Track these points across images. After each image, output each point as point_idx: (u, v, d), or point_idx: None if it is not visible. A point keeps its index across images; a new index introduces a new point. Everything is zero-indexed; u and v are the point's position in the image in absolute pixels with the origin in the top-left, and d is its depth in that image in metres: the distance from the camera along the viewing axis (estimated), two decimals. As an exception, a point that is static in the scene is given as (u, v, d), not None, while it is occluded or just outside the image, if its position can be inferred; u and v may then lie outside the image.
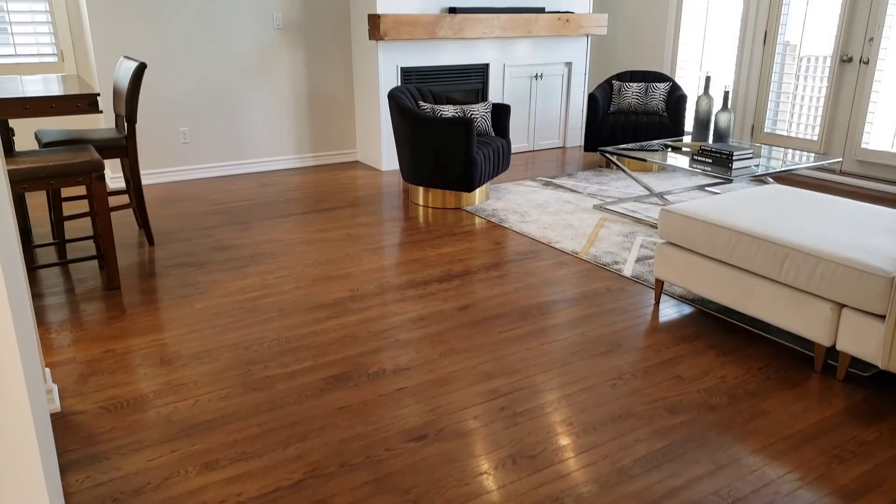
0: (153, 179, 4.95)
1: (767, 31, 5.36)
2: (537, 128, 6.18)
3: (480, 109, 4.59)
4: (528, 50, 5.85)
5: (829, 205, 2.93)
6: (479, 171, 4.24)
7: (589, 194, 4.76)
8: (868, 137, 4.88)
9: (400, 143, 4.40)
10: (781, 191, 3.21)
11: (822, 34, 5.03)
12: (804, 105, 5.25)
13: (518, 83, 5.92)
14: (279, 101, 5.28)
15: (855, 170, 5.01)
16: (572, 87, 6.22)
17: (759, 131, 5.56)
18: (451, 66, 5.48)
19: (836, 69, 4.97)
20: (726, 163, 3.85)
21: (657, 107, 5.47)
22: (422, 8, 5.19)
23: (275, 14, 5.08)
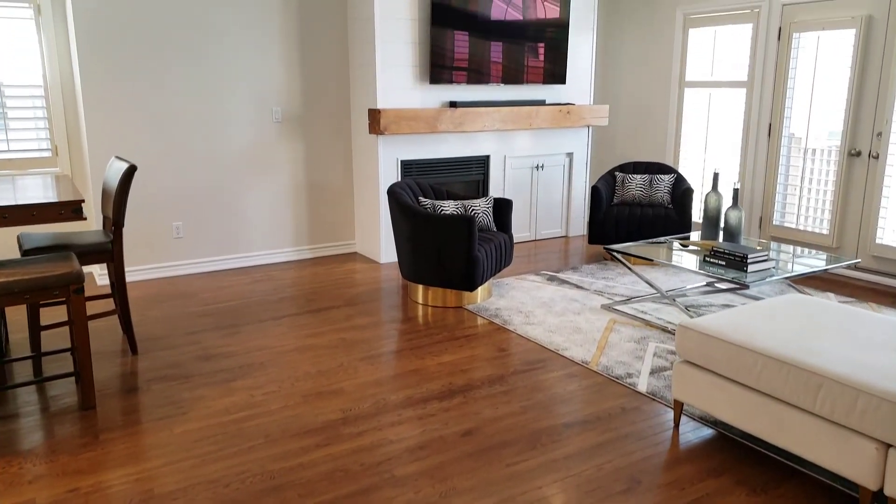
0: (144, 276, 4.78)
1: (772, 123, 5.32)
2: (539, 217, 6.07)
3: (482, 205, 4.47)
4: (529, 141, 5.81)
5: (859, 320, 2.74)
6: (480, 270, 4.08)
7: (596, 291, 4.58)
8: (882, 233, 4.75)
9: (399, 240, 4.25)
10: (802, 301, 3.02)
11: (827, 127, 4.98)
12: (812, 198, 5.14)
13: (519, 174, 5.85)
14: (276, 193, 5.19)
15: (870, 265, 4.85)
16: (574, 176, 6.15)
17: (767, 224, 5.44)
18: (452, 158, 5.41)
19: (845, 163, 4.88)
20: (741, 266, 3.69)
21: (662, 199, 5.37)
22: (422, 102, 5.17)
23: (274, 108, 5.05)
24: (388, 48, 4.93)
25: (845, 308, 2.89)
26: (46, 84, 4.52)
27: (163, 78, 4.61)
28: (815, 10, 4.97)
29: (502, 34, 5.34)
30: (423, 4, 5.01)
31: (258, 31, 4.89)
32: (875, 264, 4.82)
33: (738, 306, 3.52)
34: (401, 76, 5.02)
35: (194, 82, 4.72)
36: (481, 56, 5.27)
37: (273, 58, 4.98)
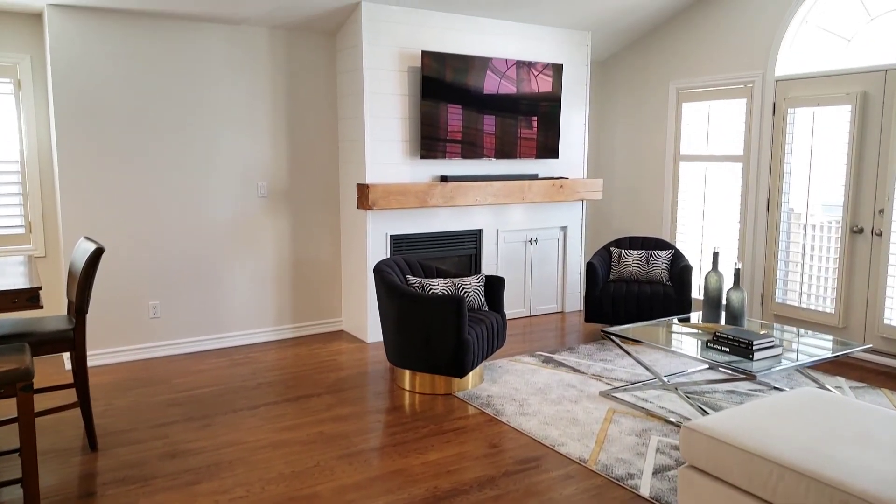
0: (117, 359, 4.53)
1: (770, 198, 5.20)
2: (534, 293, 5.88)
3: (473, 283, 4.28)
4: (522, 215, 5.68)
5: (881, 420, 2.50)
6: (471, 354, 3.85)
7: (594, 375, 4.34)
8: (891, 313, 4.55)
9: (385, 322, 4.04)
10: (818, 396, 2.79)
11: (827, 203, 4.85)
12: (815, 276, 4.97)
13: (512, 248, 5.69)
14: (260, 270, 5.00)
15: (879, 346, 4.63)
16: (569, 251, 5.99)
17: (769, 301, 5.24)
18: (443, 232, 5.26)
19: (847, 240, 4.74)
20: (746, 353, 3.47)
21: (660, 276, 5.19)
22: (413, 177, 5.05)
23: (259, 183, 4.92)
24: (378, 123, 4.85)
25: (864, 406, 2.66)
26: (23, 159, 4.39)
27: (144, 153, 4.50)
28: (810, 87, 4.93)
29: (495, 108, 5.29)
30: (413, 79, 4.96)
31: (245, 106, 4.81)
32: (884, 346, 4.60)
33: (746, 401, 3.29)
34: (391, 151, 4.92)
35: (176, 157, 4.61)
36: (474, 129, 5.19)
37: (259, 132, 4.89)
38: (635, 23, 5.78)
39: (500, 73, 5.28)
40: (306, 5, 4.49)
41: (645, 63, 6.14)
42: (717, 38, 5.51)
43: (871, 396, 3.99)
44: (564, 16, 5.44)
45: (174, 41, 4.51)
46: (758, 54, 5.21)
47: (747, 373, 3.30)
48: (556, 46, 5.71)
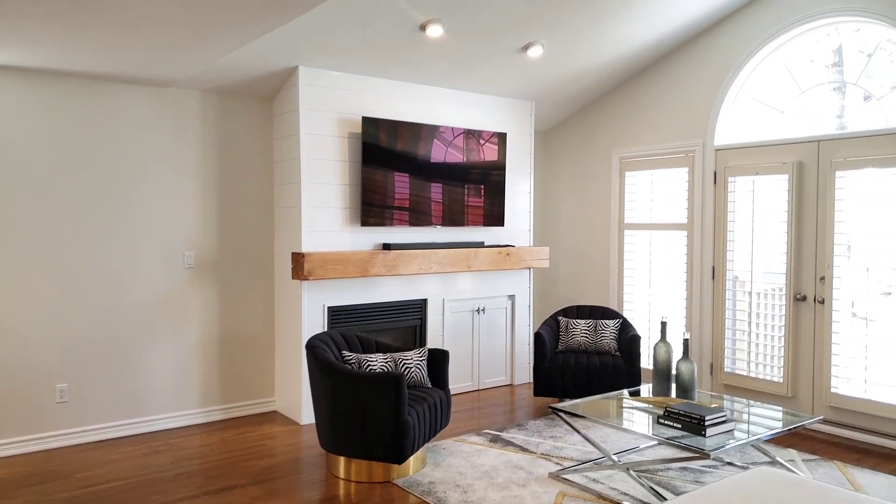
0: (13, 450, 4.03)
1: (715, 266, 5.17)
2: (482, 365, 5.65)
3: (415, 358, 4.05)
4: (468, 284, 5.52)
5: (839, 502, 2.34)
6: (411, 437, 3.57)
7: (543, 454, 4.10)
8: (837, 381, 4.49)
9: (318, 404, 3.74)
10: (774, 479, 2.62)
11: (771, 270, 4.84)
12: (762, 344, 4.91)
13: (460, 318, 5.49)
14: (185, 346, 4.65)
15: (828, 416, 4.54)
16: (517, 320, 5.83)
17: (718, 371, 5.14)
18: (386, 302, 5.04)
19: (791, 308, 4.71)
20: (699, 429, 3.30)
21: (609, 346, 5.05)
22: (353, 245, 4.85)
23: (186, 253, 4.63)
24: (316, 189, 4.67)
25: (824, 488, 2.50)
26: (-75, 227, 4.03)
27: (53, 221, 4.18)
28: (748, 156, 4.99)
29: (442, 175, 5.19)
30: (354, 145, 4.83)
31: (172, 172, 4.58)
32: (833, 415, 4.52)
33: (700, 478, 3.09)
34: (329, 218, 4.73)
35: (93, 225, 4.30)
36: (421, 197, 5.06)
37: (188, 199, 4.63)
38: (577, 93, 5.84)
39: (447, 142, 5.22)
40: (239, 68, 4.35)
41: (588, 132, 6.19)
42: (657, 108, 5.59)
43: (825, 469, 3.86)
44: (508, 85, 5.45)
45: (95, 103, 4.28)
46: (698, 124, 5.28)
47: (700, 451, 3.13)
48: (501, 115, 5.71)
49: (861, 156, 4.36)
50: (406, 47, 4.48)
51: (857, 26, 4.45)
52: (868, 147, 4.34)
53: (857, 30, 4.48)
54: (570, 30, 4.60)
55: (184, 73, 4.23)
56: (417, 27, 4.22)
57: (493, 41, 4.60)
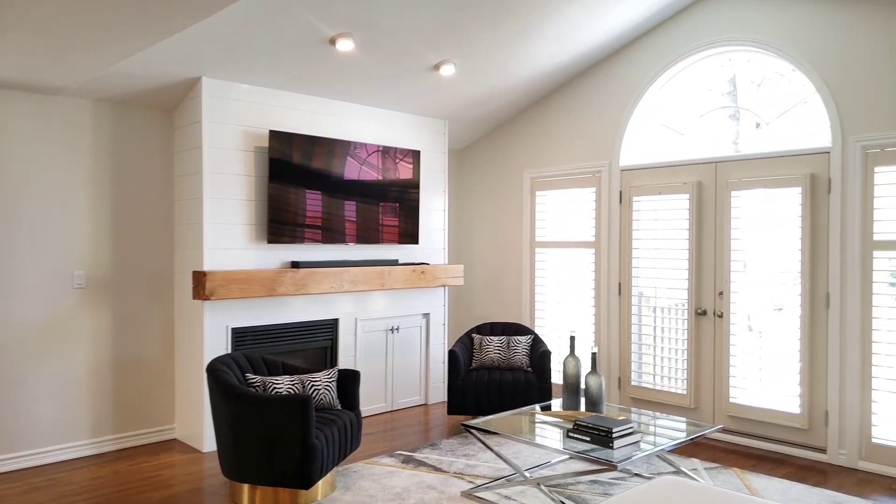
0: None
1: (621, 283, 5.32)
2: (396, 385, 5.56)
3: (323, 379, 3.92)
4: (382, 303, 5.43)
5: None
6: (319, 461, 3.44)
7: (455, 473, 4.05)
8: (735, 391, 4.68)
9: (220, 429, 3.55)
10: (677, 487, 2.68)
11: (674, 286, 5.02)
12: (667, 357, 5.07)
13: (373, 337, 5.39)
14: (74, 372, 4.32)
15: (727, 425, 4.73)
16: (432, 338, 5.78)
17: (626, 384, 5.27)
18: (295, 323, 4.88)
19: (693, 322, 4.89)
20: (606, 441, 3.35)
21: (521, 362, 5.08)
22: (259, 263, 4.68)
23: (76, 272, 4.33)
24: (220, 205, 4.49)
25: (724, 494, 2.57)
26: None
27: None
28: (652, 176, 5.19)
29: (356, 193, 5.12)
30: (260, 161, 4.69)
31: (61, 186, 4.28)
32: (732, 424, 4.71)
33: (610, 490, 3.11)
34: (234, 235, 4.55)
35: (-24, 242, 3.96)
36: (334, 214, 4.96)
37: (78, 215, 4.34)
38: (490, 113, 5.92)
39: (362, 159, 5.15)
40: (136, 77, 4.14)
41: (501, 152, 6.28)
42: (566, 129, 5.74)
43: (724, 477, 3.99)
44: (422, 103, 5.46)
45: (-22, 112, 3.97)
46: (604, 145, 5.45)
47: (608, 462, 3.16)
48: (416, 133, 5.70)
49: (753, 177, 4.62)
50: (317, 61, 4.41)
51: (749, 57, 4.73)
52: (759, 169, 4.60)
53: (748, 60, 4.76)
54: (480, 50, 4.66)
55: (73, 79, 3.98)
56: (327, 41, 4.16)
57: (406, 58, 4.59)
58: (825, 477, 4.03)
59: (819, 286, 4.33)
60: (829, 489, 3.81)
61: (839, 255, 4.22)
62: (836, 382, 4.23)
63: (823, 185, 4.31)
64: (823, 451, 4.31)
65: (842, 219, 4.22)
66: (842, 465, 4.21)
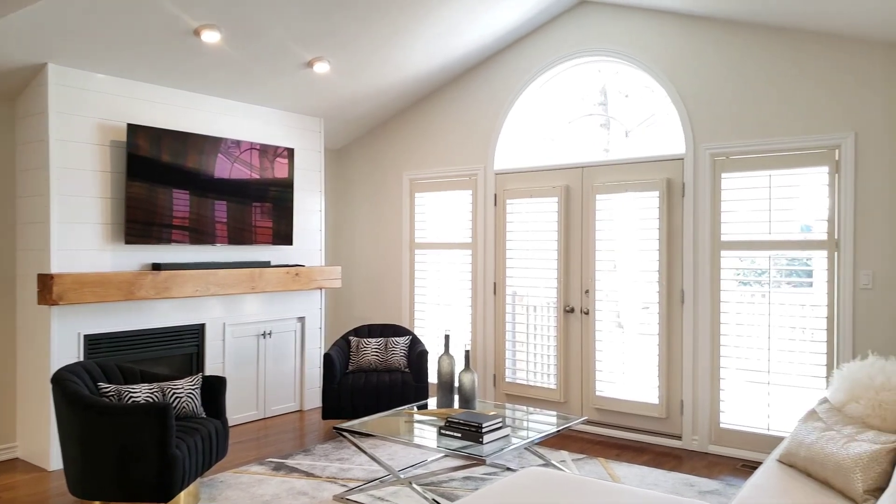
0: None
1: (496, 282, 5.44)
2: (269, 392, 5.37)
3: (186, 386, 3.71)
4: (253, 306, 5.24)
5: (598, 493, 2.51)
6: (180, 473, 3.25)
7: (329, 478, 3.96)
8: (601, 385, 4.92)
9: (67, 444, 3.27)
10: (539, 477, 2.76)
11: (545, 285, 5.20)
12: (539, 354, 5.24)
13: (243, 343, 5.18)
14: None
15: (594, 417, 4.95)
16: (307, 342, 5.64)
17: (501, 381, 5.40)
18: (156, 329, 4.60)
19: (563, 319, 5.09)
20: (476, 437, 3.40)
21: (399, 363, 5.07)
22: (116, 265, 4.38)
23: None
24: (69, 203, 4.16)
25: (584, 481, 2.67)
26: None
27: None
28: (522, 180, 5.35)
29: (227, 192, 4.91)
30: (117, 156, 4.39)
31: None
32: (599, 416, 4.93)
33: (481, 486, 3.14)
34: (86, 235, 4.23)
35: None
36: (201, 214, 4.72)
37: None
38: (368, 112, 5.88)
39: (233, 156, 4.95)
40: (-27, 62, 3.76)
41: (380, 152, 6.25)
42: (444, 132, 5.81)
43: (590, 466, 4.18)
44: (296, 100, 5.33)
45: None
46: (480, 149, 5.56)
47: (477, 457, 3.21)
48: (290, 131, 5.56)
49: (616, 181, 4.87)
50: (181, 53, 4.19)
51: (617, 68, 4.99)
52: (621, 174, 4.87)
53: (617, 72, 5.02)
54: (356, 50, 4.62)
55: None
56: (191, 32, 3.96)
57: (277, 54, 4.47)
58: (680, 462, 4.31)
59: (675, 284, 4.63)
60: (683, 473, 4.08)
61: (692, 254, 4.54)
62: (689, 373, 4.54)
63: (678, 189, 4.63)
64: (679, 438, 4.61)
65: (694, 221, 4.54)
66: (695, 450, 4.52)
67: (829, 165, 4.09)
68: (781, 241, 4.22)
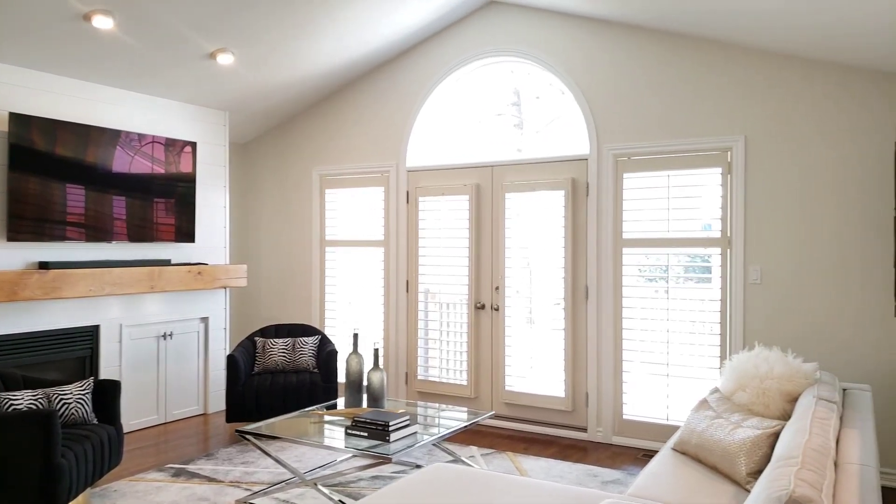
0: None
1: (409, 280, 5.43)
2: (170, 395, 5.15)
3: (75, 392, 3.50)
4: (154, 306, 5.00)
5: (502, 488, 2.54)
6: (66, 483, 3.05)
7: (232, 482, 3.83)
8: (510, 380, 4.99)
9: (-65, 457, 3.01)
10: (444, 473, 2.76)
11: (457, 282, 5.23)
12: (451, 351, 5.27)
13: (141, 345, 4.94)
14: None
15: (504, 412, 5.02)
16: (211, 344, 5.44)
17: (413, 379, 5.39)
18: (45, 332, 4.31)
19: (473, 316, 5.13)
20: (383, 435, 3.37)
21: (308, 363, 4.97)
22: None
23: None
24: (-56, 196, 3.83)
25: (489, 475, 2.69)
26: None
27: None
28: (435, 178, 5.36)
29: (125, 187, 4.68)
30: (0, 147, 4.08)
31: None
32: (508, 411, 5.01)
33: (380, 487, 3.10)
34: (-37, 231, 3.91)
35: None
36: (97, 210, 4.46)
37: None
38: (276, 106, 5.73)
39: (134, 150, 4.71)
40: None
41: (288, 148, 6.11)
42: (356, 127, 5.73)
43: (499, 461, 4.23)
44: (200, 93, 5.13)
45: None
46: (392, 146, 5.53)
47: (383, 456, 3.18)
48: (193, 124, 5.34)
49: (525, 180, 4.96)
50: (72, 39, 3.94)
51: (529, 69, 5.06)
52: (530, 173, 4.96)
53: (529, 73, 5.10)
54: (262, 41, 4.49)
55: None
56: (81, 16, 3.73)
57: (177, 43, 4.28)
58: (585, 453, 4.43)
59: (580, 281, 4.76)
60: (587, 464, 4.20)
61: (595, 251, 4.68)
62: (594, 367, 4.68)
63: (583, 188, 4.76)
64: (585, 430, 4.74)
65: (597, 219, 4.68)
66: (599, 442, 4.67)
67: (723, 167, 4.31)
68: (679, 238, 4.41)
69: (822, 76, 4.03)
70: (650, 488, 2.62)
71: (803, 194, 4.09)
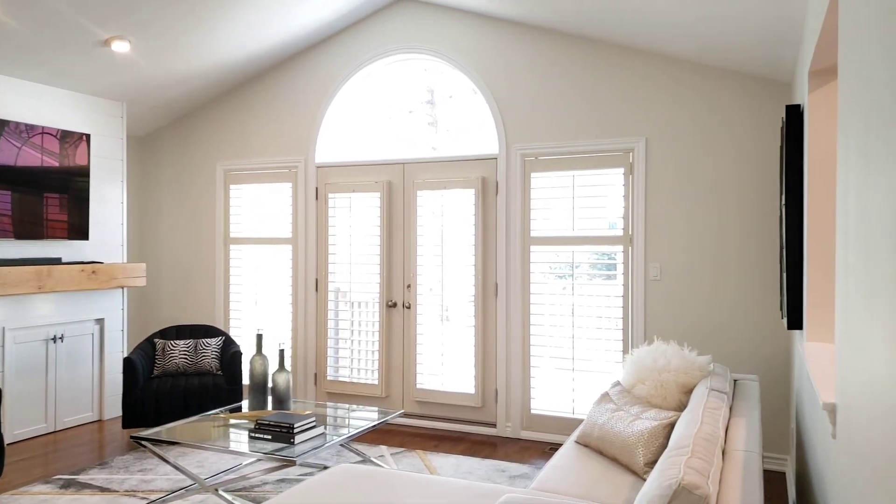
0: None
1: (318, 279, 5.33)
2: (60, 402, 4.83)
3: (-53, 401, 3.21)
4: (43, 308, 4.67)
5: (408, 487, 2.52)
6: (-67, 501, 2.79)
7: (127, 491, 3.63)
8: (421, 378, 4.99)
9: None
10: (349, 473, 2.72)
11: (368, 281, 5.17)
12: (362, 350, 5.21)
13: (28, 349, 4.61)
14: None
15: (414, 410, 5.02)
16: (108, 346, 5.15)
17: (322, 380, 5.29)
18: (-87, 336, 3.95)
19: (385, 314, 5.09)
20: (288, 438, 3.28)
21: (211, 366, 4.78)
22: None
23: None
24: None
25: (395, 475, 2.67)
26: None
27: None
28: (346, 174, 5.28)
29: (11, 180, 4.36)
30: None
31: None
32: (419, 409, 5.01)
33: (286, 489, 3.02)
34: None
35: None
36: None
37: None
38: (178, 98, 5.48)
39: (21, 140, 4.38)
40: None
41: (190, 141, 5.86)
42: (262, 122, 5.57)
43: (408, 459, 4.22)
44: (93, 82, 4.83)
45: None
46: (300, 141, 5.41)
47: (288, 459, 3.10)
48: (86, 115, 5.02)
49: (436, 178, 4.97)
50: (-61, 14, 3.61)
51: (442, 69, 5.05)
52: (441, 171, 4.97)
53: (442, 72, 5.09)
54: (161, 30, 4.27)
55: None
56: (-46, -9, 3.43)
57: (66, 28, 4.00)
58: (495, 449, 4.49)
59: (489, 278, 4.81)
60: (496, 459, 4.25)
61: (504, 249, 4.75)
62: (503, 363, 4.75)
63: (493, 187, 4.81)
64: (494, 426, 4.80)
65: (506, 218, 4.75)
66: (508, 437, 4.74)
67: (625, 167, 4.47)
68: (584, 236, 4.54)
69: (717, 80, 4.25)
70: (552, 481, 2.67)
71: (696, 194, 4.30)
